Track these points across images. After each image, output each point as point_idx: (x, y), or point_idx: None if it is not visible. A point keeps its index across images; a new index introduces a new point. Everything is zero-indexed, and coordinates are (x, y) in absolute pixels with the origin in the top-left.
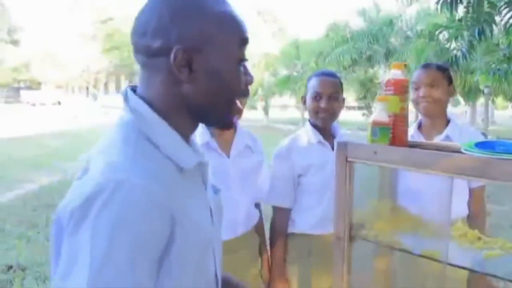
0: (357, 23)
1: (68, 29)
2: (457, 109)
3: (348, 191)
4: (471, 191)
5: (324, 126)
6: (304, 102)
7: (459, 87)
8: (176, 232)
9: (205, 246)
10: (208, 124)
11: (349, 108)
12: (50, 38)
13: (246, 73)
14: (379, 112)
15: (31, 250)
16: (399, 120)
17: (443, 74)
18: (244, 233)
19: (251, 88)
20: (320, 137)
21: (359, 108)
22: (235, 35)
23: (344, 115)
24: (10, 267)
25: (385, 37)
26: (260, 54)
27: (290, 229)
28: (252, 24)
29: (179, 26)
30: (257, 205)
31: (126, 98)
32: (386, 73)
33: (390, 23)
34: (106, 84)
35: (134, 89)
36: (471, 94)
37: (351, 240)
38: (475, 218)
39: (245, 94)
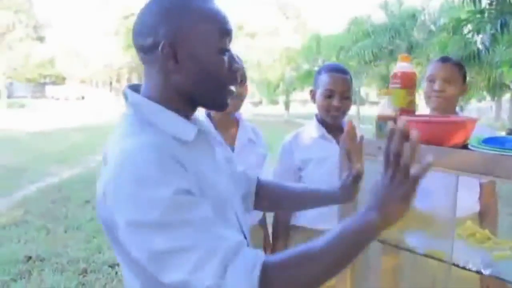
0: (379, 17)
1: (92, 25)
2: (482, 104)
3: None
4: (481, 186)
5: (335, 123)
6: (313, 96)
7: (484, 81)
8: (192, 188)
9: (224, 205)
10: (204, 106)
11: (372, 103)
12: (74, 34)
13: (233, 61)
14: (385, 106)
15: (50, 242)
16: (407, 114)
17: (460, 71)
18: (251, 225)
19: (277, 79)
20: (324, 131)
21: None
22: (215, 26)
23: (365, 110)
24: (30, 258)
25: (408, 31)
26: (281, 49)
27: (292, 221)
28: (273, 19)
29: (165, 23)
30: None
31: (125, 96)
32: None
33: (413, 16)
34: (128, 79)
35: (132, 88)
36: (496, 89)
37: None
38: (486, 214)
39: (232, 80)
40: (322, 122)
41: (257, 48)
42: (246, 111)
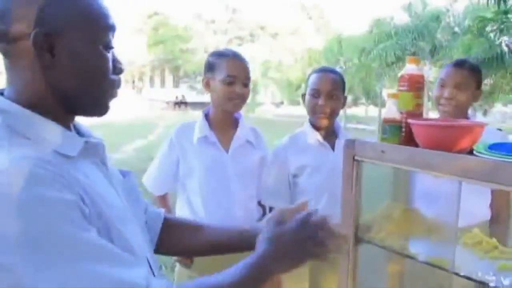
0: (402, 19)
1: (115, 22)
2: (508, 109)
3: (355, 191)
4: (493, 193)
5: (321, 126)
6: (304, 101)
7: (508, 85)
8: (87, 204)
9: (124, 229)
10: (82, 113)
11: None
12: None
13: (116, 61)
14: (390, 109)
15: None
16: (413, 117)
17: (474, 77)
18: None
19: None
20: (319, 137)
21: None
22: (98, 21)
23: None
24: None
25: (431, 33)
26: (303, 49)
27: None
28: (296, 19)
29: (38, 9)
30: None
31: None
32: (432, 71)
33: (437, 18)
34: (151, 78)
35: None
36: None
37: (357, 243)
38: (496, 222)
39: (116, 82)
40: (315, 126)
41: (279, 48)
42: (267, 111)
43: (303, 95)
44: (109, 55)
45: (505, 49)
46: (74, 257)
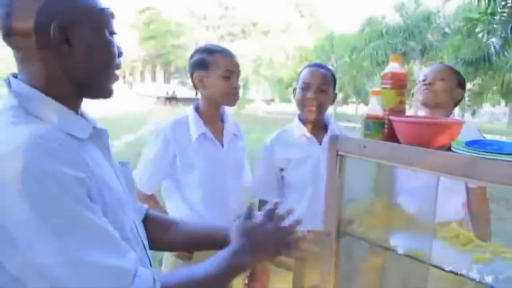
0: (394, 18)
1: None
2: (496, 109)
3: (339, 186)
4: (469, 191)
5: (310, 119)
6: (295, 94)
7: (497, 86)
8: (92, 187)
9: (122, 211)
10: (90, 96)
11: None
12: None
13: (117, 45)
14: (373, 106)
15: None
16: (396, 114)
17: (454, 74)
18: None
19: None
20: (305, 131)
21: None
22: (103, 10)
23: None
24: None
25: (422, 33)
26: (294, 47)
27: None
28: (287, 17)
29: (50, 3)
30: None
31: (9, 85)
32: (422, 70)
33: (428, 19)
34: (142, 73)
35: (15, 76)
36: (509, 94)
37: (340, 236)
38: (477, 220)
39: (119, 64)
40: (304, 121)
41: (271, 45)
42: (258, 108)
43: (294, 90)
44: (114, 40)
45: (493, 50)
46: (71, 233)
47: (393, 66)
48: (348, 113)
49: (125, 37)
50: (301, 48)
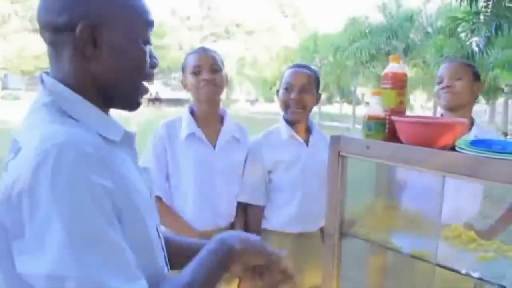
0: (377, 18)
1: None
2: (477, 107)
3: (340, 186)
4: None
5: (294, 119)
6: (278, 96)
7: None
8: (120, 191)
9: (148, 216)
10: (116, 106)
11: (367, 103)
12: None
13: (152, 56)
14: (374, 106)
15: None
16: (397, 114)
17: (468, 68)
18: (227, 226)
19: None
20: (292, 132)
21: None
22: (140, 16)
23: (361, 110)
24: None
25: (405, 33)
26: (278, 47)
27: (264, 225)
28: (271, 17)
29: (85, 2)
30: None
31: (42, 81)
32: (405, 69)
33: (411, 18)
34: None
35: (48, 73)
36: (490, 92)
37: (342, 237)
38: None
39: (150, 76)
40: (289, 122)
41: (254, 45)
42: (242, 108)
43: (278, 91)
44: (147, 50)
45: (476, 49)
46: (90, 247)
47: (393, 66)
48: (332, 113)
49: None
50: (285, 48)
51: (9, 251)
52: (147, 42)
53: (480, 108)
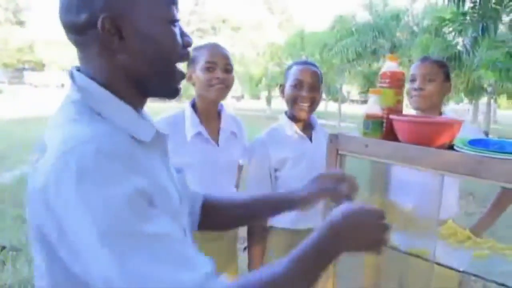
0: (363, 17)
1: None
2: (459, 107)
3: None
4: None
5: (303, 117)
6: (282, 91)
7: (462, 84)
8: (152, 194)
9: (177, 219)
10: (155, 95)
11: (353, 101)
12: (55, 20)
13: (183, 34)
14: (372, 105)
15: (26, 232)
16: (394, 113)
17: (440, 69)
18: None
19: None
20: (297, 129)
21: (363, 102)
22: None
23: (346, 108)
24: (4, 248)
25: (391, 31)
26: (265, 44)
27: (270, 223)
28: (258, 13)
29: None
30: None
31: (72, 78)
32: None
33: (397, 17)
34: None
35: (79, 69)
36: (474, 91)
37: None
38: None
39: (184, 56)
40: (293, 119)
41: (241, 42)
42: (227, 105)
43: (281, 86)
44: (176, 29)
45: (462, 49)
46: (134, 248)
47: (391, 65)
48: (318, 111)
49: None
50: (271, 45)
51: (50, 250)
52: (174, 20)
53: (463, 107)
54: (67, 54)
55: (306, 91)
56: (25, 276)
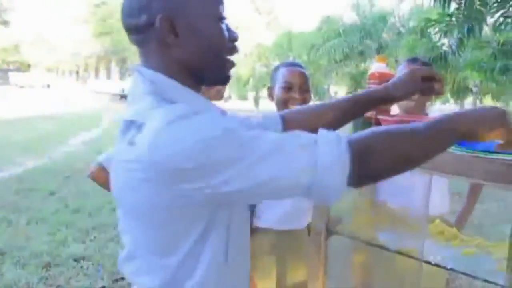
0: (350, 18)
1: (60, 12)
2: (446, 107)
3: None
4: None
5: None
6: (271, 93)
7: (448, 85)
8: None
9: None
10: (208, 83)
11: None
12: (41, 20)
13: (229, 29)
14: None
15: (12, 234)
16: (383, 113)
17: None
18: None
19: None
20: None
21: None
22: None
23: None
24: None
25: (378, 32)
26: (252, 45)
27: (255, 223)
28: (245, 14)
29: None
30: None
31: (141, 73)
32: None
33: (383, 18)
34: (96, 69)
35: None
36: (459, 92)
37: (328, 235)
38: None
39: (232, 49)
40: None
41: None
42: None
43: (269, 88)
44: (223, 26)
45: (448, 50)
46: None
47: (379, 66)
48: None
49: (79, 32)
50: (259, 46)
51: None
52: (222, 18)
53: (450, 107)
54: (52, 55)
55: (297, 92)
56: (11, 280)
